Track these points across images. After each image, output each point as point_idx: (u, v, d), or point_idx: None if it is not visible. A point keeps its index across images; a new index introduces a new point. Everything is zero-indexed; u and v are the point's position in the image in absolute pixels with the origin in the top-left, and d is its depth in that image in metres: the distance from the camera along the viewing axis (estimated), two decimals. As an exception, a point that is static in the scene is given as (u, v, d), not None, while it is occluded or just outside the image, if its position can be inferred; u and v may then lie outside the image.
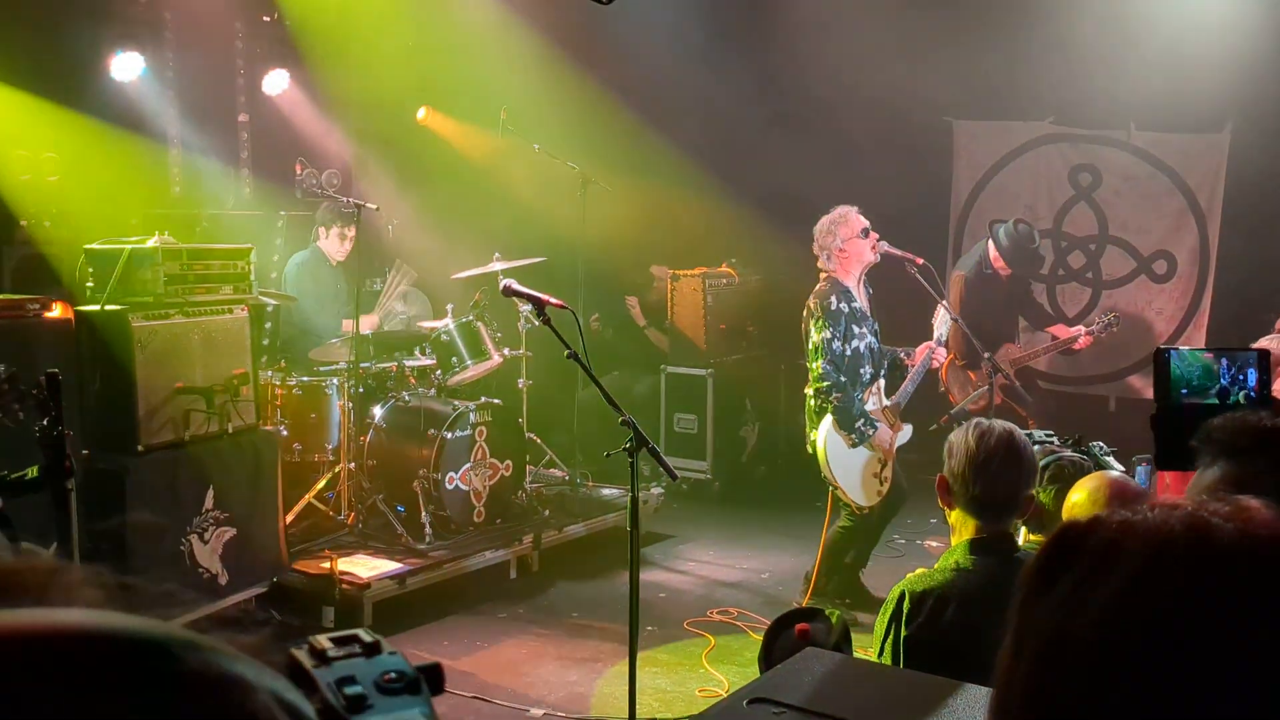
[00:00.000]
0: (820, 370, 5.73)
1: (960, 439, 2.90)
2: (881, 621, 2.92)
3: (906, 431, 6.03)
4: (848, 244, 5.80)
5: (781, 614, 3.20)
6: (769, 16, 8.88)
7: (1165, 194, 8.73)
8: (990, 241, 7.71)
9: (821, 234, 5.87)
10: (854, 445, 5.77)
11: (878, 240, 5.84)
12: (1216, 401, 1.90)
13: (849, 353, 5.79)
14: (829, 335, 5.72)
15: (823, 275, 5.91)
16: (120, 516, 4.98)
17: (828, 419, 5.75)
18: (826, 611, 3.15)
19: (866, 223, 5.85)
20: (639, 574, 4.02)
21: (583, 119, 8.55)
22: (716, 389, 8.54)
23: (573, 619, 6.07)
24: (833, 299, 5.76)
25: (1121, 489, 3.22)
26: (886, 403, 5.96)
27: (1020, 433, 2.92)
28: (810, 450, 5.88)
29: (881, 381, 5.98)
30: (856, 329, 5.82)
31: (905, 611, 2.83)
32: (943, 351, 5.97)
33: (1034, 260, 7.83)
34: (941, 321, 5.95)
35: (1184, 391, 1.84)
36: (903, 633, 2.82)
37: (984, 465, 2.83)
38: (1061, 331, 7.79)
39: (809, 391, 5.89)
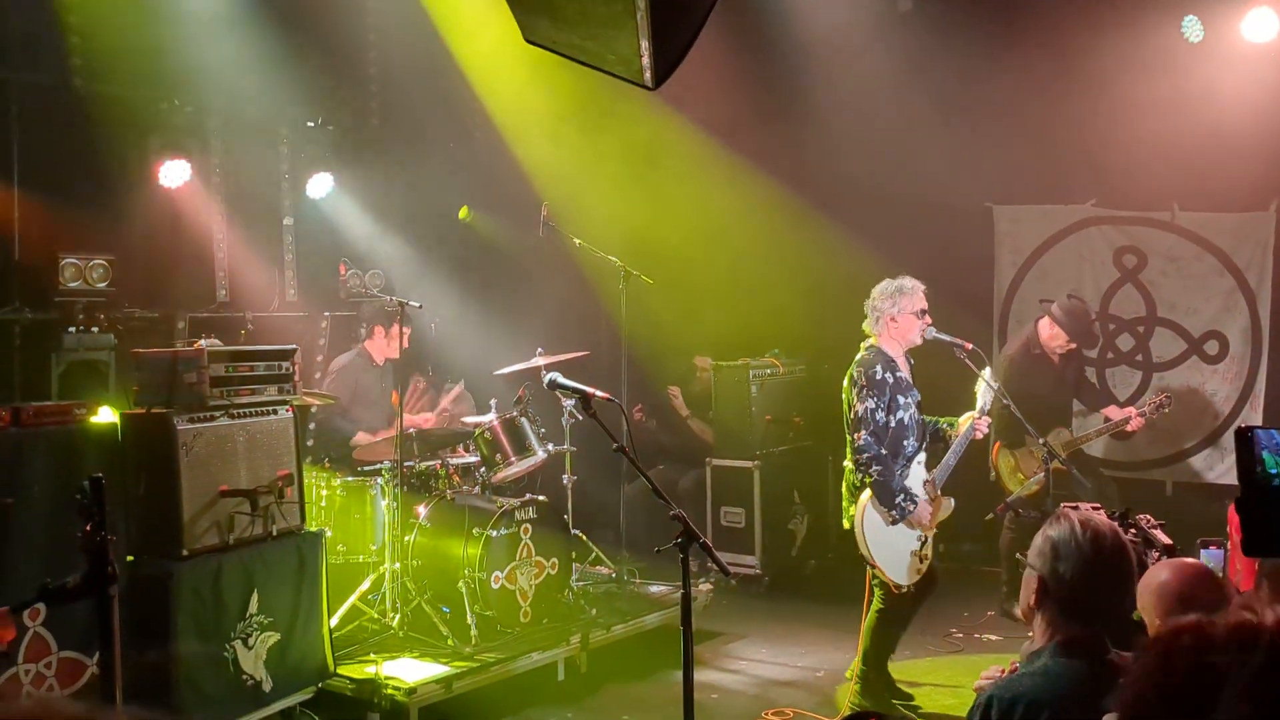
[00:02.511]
0: (861, 441, 5.60)
1: (1066, 540, 2.71)
2: None
3: (949, 505, 5.87)
4: (902, 317, 5.72)
5: (844, 717, 3.06)
6: (807, 105, 8.93)
7: (1213, 274, 8.60)
8: (1039, 323, 7.61)
9: (879, 297, 5.77)
10: (893, 522, 5.63)
11: (929, 325, 5.76)
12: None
13: (893, 424, 5.68)
14: (872, 405, 5.62)
15: (865, 345, 5.82)
16: (165, 623, 4.91)
17: (866, 493, 5.62)
18: (887, 714, 3.01)
19: (925, 304, 5.78)
20: (693, 674, 3.89)
21: (623, 212, 8.60)
22: (764, 481, 8.40)
23: (623, 722, 5.90)
24: (878, 368, 5.67)
25: (1195, 578, 3.12)
26: (927, 476, 5.82)
27: (1123, 533, 2.79)
28: (848, 525, 5.73)
29: (923, 454, 5.86)
30: (902, 399, 5.72)
31: None
32: (986, 422, 5.82)
33: (1091, 334, 7.73)
34: (984, 392, 5.82)
35: (1274, 471, 1.75)
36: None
37: (1100, 572, 2.68)
38: (1114, 413, 7.64)
39: (848, 465, 5.77)
